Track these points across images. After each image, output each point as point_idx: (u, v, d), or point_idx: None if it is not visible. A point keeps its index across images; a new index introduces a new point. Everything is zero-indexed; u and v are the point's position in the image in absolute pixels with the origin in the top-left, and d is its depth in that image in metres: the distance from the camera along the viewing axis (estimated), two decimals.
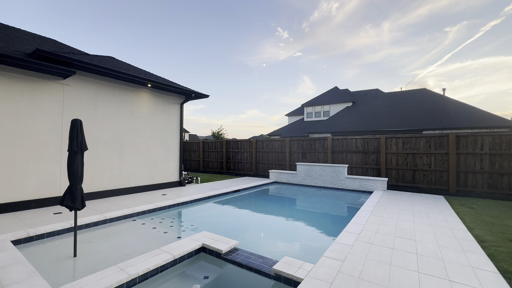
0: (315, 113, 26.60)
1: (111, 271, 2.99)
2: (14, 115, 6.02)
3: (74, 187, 3.73)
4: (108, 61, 8.41)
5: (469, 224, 5.13)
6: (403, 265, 3.27)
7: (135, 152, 8.63)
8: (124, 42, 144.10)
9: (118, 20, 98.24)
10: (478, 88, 60.99)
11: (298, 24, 68.77)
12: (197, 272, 3.51)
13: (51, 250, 4.05)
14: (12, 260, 3.29)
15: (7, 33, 7.83)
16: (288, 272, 3.02)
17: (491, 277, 2.99)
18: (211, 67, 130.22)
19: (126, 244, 4.33)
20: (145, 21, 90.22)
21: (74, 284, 2.70)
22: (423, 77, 68.62)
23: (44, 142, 6.49)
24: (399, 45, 54.70)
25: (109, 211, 5.81)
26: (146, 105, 9.04)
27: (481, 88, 60.19)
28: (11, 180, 5.94)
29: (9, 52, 5.60)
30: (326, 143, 11.80)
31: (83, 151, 3.88)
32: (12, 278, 2.83)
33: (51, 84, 6.63)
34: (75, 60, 6.36)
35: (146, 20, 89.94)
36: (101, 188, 7.59)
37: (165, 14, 74.86)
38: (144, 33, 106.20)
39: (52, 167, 6.61)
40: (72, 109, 7.00)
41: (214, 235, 4.27)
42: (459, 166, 8.92)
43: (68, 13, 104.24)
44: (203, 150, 17.14)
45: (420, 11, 36.95)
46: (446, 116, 16.80)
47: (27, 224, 4.84)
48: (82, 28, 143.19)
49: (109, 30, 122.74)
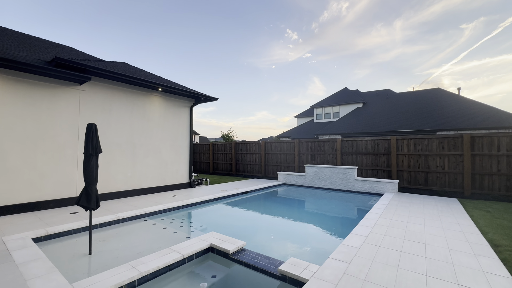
0: (325, 115, 26.38)
1: (123, 268, 3.13)
2: (35, 119, 6.38)
3: (89, 188, 3.93)
4: (121, 66, 8.74)
5: (483, 227, 4.98)
6: (411, 268, 3.23)
7: (146, 154, 8.90)
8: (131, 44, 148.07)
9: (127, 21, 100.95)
10: (496, 87, 58.50)
11: (308, 25, 68.53)
12: (205, 271, 3.61)
13: (68, 248, 4.26)
14: (33, 256, 3.50)
15: (29, 42, 8.31)
16: (294, 273, 3.06)
17: (503, 281, 2.91)
18: (220, 69, 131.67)
19: (137, 243, 4.50)
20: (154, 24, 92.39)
21: (89, 280, 2.85)
22: (437, 76, 66.53)
23: (62, 145, 6.82)
24: (412, 44, 53.36)
25: (122, 212, 6.03)
26: (157, 109, 9.31)
27: (500, 86, 57.71)
28: (32, 181, 6.28)
29: (31, 61, 5.95)
30: (336, 145, 11.71)
31: (98, 154, 4.08)
32: (33, 273, 3.02)
33: (68, 90, 6.97)
34: (90, 66, 6.67)
35: (155, 23, 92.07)
36: (114, 189, 7.87)
37: (174, 17, 76.50)
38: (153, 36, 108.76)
39: (69, 169, 6.93)
40: (87, 113, 7.32)
41: (222, 235, 4.37)
42: (474, 168, 8.63)
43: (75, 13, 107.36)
44: (212, 152, 17.37)
45: (433, 9, 35.96)
46: (462, 117, 16.25)
47: (46, 223, 5.11)
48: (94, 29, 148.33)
49: (115, 31, 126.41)
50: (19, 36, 8.58)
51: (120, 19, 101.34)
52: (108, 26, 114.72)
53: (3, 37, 7.57)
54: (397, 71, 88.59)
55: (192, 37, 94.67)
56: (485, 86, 60.57)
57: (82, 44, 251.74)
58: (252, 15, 62.92)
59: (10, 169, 5.96)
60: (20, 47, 7.16)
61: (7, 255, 3.53)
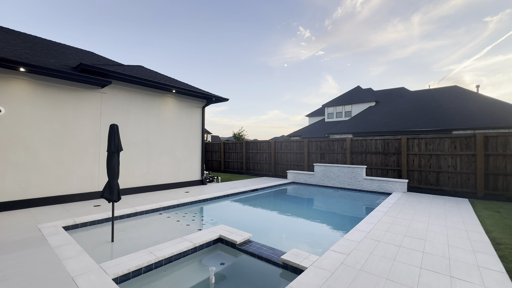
0: (336, 114, 26.19)
1: (142, 253, 3.52)
2: (61, 120, 6.99)
3: (112, 182, 4.37)
4: (138, 70, 9.29)
5: (488, 227, 5.00)
6: (406, 261, 3.41)
7: (161, 152, 9.42)
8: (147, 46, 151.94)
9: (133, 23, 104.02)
10: None
11: (321, 22, 67.67)
12: (214, 259, 3.95)
13: (93, 235, 4.75)
14: (64, 241, 3.98)
15: (56, 49, 9.03)
16: (295, 262, 3.33)
17: (496, 275, 3.04)
18: (232, 69, 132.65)
19: (154, 234, 4.92)
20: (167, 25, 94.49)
21: (113, 262, 3.26)
22: (458, 73, 63.63)
23: (85, 143, 7.42)
24: (430, 39, 51.40)
25: (139, 205, 6.52)
26: (171, 109, 9.80)
27: None
28: (60, 176, 6.91)
29: (59, 67, 6.55)
30: (345, 144, 11.76)
31: (119, 152, 4.52)
32: (66, 255, 3.48)
33: (91, 93, 7.56)
34: (111, 71, 7.21)
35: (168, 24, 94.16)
36: (132, 185, 8.43)
37: (186, 18, 77.93)
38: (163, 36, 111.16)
39: (92, 165, 7.52)
40: (108, 114, 7.90)
41: (230, 228, 4.70)
42: (487, 168, 8.47)
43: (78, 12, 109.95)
44: (224, 151, 17.83)
45: (454, 1, 34.48)
46: (479, 115, 15.72)
47: (73, 214, 5.66)
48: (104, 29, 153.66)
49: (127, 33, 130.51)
50: (47, 44, 9.33)
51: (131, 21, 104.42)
52: (115, 26, 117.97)
53: (34, 45, 8.30)
54: (414, 68, 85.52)
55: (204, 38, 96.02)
56: (510, 82, 57.25)
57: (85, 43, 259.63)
58: (263, 14, 62.98)
59: (41, 165, 6.59)
60: (48, 54, 7.83)
61: (43, 240, 4.03)
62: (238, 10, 64.85)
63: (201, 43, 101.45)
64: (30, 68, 6.00)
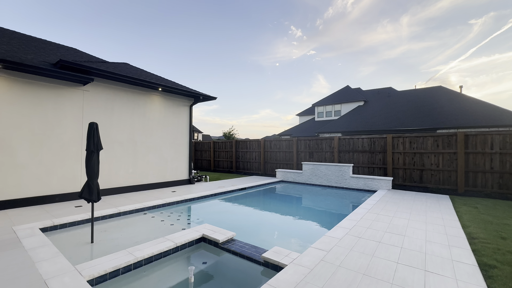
0: (326, 113, 26.50)
1: (120, 254, 3.45)
2: (42, 118, 6.76)
3: (91, 182, 4.26)
4: (123, 67, 9.09)
5: (465, 222, 5.18)
6: (384, 256, 3.48)
7: (147, 151, 9.26)
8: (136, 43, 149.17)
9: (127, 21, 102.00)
10: (506, 84, 57.42)
11: (312, 21, 68.18)
12: (197, 258, 3.92)
13: (72, 237, 4.62)
14: (40, 243, 3.85)
15: (35, 44, 8.70)
16: (275, 259, 3.34)
17: (468, 269, 3.15)
18: (224, 67, 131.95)
19: (136, 234, 4.83)
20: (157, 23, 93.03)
21: (90, 263, 3.18)
22: (445, 73, 65.57)
23: (67, 142, 7.21)
24: (418, 40, 52.72)
25: (123, 205, 6.39)
26: (158, 108, 9.65)
27: (510, 83, 56.62)
28: (40, 177, 6.68)
29: (37, 63, 6.32)
30: (333, 143, 11.91)
31: (99, 150, 4.40)
32: (40, 257, 3.36)
33: (73, 90, 7.34)
34: (93, 68, 7.02)
35: (158, 23, 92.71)
36: (116, 184, 8.25)
37: (177, 16, 76.87)
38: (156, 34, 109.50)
39: (74, 165, 7.31)
40: (91, 113, 7.69)
41: (214, 227, 4.67)
42: (468, 166, 8.77)
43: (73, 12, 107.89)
44: (214, 150, 17.72)
45: (441, 4, 35.47)
46: (462, 115, 16.25)
47: (53, 215, 5.49)
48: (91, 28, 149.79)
49: (117, 31, 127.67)
50: (26, 39, 8.99)
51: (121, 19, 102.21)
52: (109, 25, 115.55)
53: (12, 40, 7.97)
54: (402, 68, 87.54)
55: (195, 36, 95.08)
56: (494, 83, 59.50)
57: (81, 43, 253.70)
58: (255, 12, 62.96)
59: (19, 165, 6.35)
60: (27, 50, 7.54)
61: (17, 242, 3.89)
62: (229, 8, 64.47)
63: (191, 41, 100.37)
64: (6, 64, 5.76)
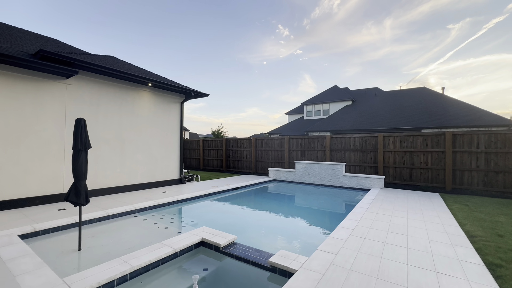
0: (315, 112, 26.71)
1: (115, 263, 3.14)
2: (19, 114, 6.17)
3: (78, 184, 3.88)
4: (110, 60, 8.54)
5: (461, 220, 5.28)
6: (393, 258, 3.42)
7: (136, 150, 8.79)
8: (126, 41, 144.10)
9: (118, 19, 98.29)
10: (480, 86, 60.76)
11: (299, 21, 68.51)
12: (197, 264, 3.67)
13: (57, 244, 4.21)
14: (20, 252, 3.45)
15: (11, 33, 7.97)
16: (283, 264, 3.17)
17: (476, 268, 3.14)
18: (211, 65, 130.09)
19: (128, 239, 4.50)
20: (145, 19, 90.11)
21: (80, 275, 2.86)
22: (424, 75, 68.36)
23: (48, 140, 6.64)
24: (400, 43, 54.50)
25: (112, 208, 5.98)
26: (147, 104, 9.18)
27: (483, 86, 59.97)
28: (16, 177, 6.10)
29: (14, 53, 5.74)
30: (325, 142, 11.94)
31: (87, 149, 4.03)
32: (21, 269, 2.99)
33: (54, 84, 6.77)
34: (77, 60, 6.50)
35: (146, 19, 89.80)
36: (103, 185, 7.75)
37: (165, 13, 74.68)
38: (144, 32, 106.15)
39: (56, 165, 6.77)
40: (74, 108, 7.14)
41: (213, 230, 4.43)
42: (455, 164, 9.05)
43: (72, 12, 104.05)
44: (203, 148, 17.30)
45: (422, 8, 36.81)
46: (445, 115, 16.90)
47: (33, 220, 5.01)
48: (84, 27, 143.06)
49: (110, 28, 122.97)
50: (1, 27, 8.21)
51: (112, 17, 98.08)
52: (109, 24, 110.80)
53: None
54: (386, 70, 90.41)
55: (184, 34, 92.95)
56: (469, 85, 62.86)
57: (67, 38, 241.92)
58: (242, 10, 62.30)
59: None
60: (2, 38, 6.87)
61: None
62: (216, 5, 63.38)
63: (178, 37, 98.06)
64: None
